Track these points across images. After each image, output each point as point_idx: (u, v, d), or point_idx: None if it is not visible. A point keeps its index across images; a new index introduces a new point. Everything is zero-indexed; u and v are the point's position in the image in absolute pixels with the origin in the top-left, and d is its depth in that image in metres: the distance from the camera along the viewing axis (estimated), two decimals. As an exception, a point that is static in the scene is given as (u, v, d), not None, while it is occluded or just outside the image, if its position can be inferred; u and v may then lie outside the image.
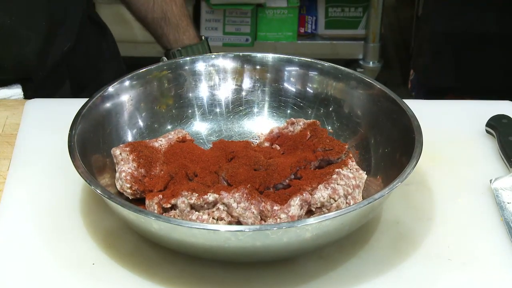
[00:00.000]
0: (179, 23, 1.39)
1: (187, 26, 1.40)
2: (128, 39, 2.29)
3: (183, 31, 1.39)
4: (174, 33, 1.39)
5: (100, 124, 0.98)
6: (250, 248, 0.81)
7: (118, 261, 0.87)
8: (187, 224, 0.79)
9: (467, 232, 0.93)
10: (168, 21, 1.39)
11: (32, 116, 1.14)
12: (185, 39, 1.39)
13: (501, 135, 1.07)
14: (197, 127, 1.08)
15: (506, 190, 0.98)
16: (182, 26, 1.39)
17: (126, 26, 1.45)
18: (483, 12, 1.52)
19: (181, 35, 1.39)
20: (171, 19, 1.39)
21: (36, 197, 0.97)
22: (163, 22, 1.39)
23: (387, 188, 0.84)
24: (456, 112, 1.18)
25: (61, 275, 0.85)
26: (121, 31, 2.47)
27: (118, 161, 0.94)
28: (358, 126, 1.03)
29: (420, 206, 0.97)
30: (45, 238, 0.90)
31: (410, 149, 0.89)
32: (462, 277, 0.86)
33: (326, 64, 1.07)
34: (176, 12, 1.39)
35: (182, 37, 1.39)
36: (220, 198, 0.86)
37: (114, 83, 1.02)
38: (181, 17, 1.39)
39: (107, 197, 0.82)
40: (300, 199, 0.87)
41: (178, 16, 1.39)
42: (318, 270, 0.87)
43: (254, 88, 1.10)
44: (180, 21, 1.39)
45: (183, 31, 1.39)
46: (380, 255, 0.89)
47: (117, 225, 0.92)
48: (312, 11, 2.75)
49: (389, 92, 1.00)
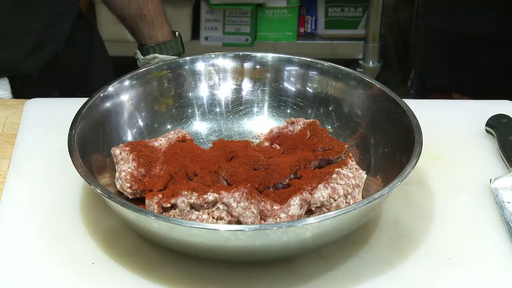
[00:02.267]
0: (154, 20, 1.41)
1: (161, 23, 1.41)
2: (123, 39, 2.29)
3: (157, 28, 1.41)
4: (149, 29, 1.41)
5: (100, 123, 0.98)
6: (250, 248, 0.81)
7: (118, 261, 0.87)
8: (187, 224, 0.79)
9: (467, 232, 0.93)
10: (143, 18, 1.40)
11: (32, 116, 1.14)
12: (159, 36, 1.41)
13: (501, 135, 1.07)
14: (197, 127, 1.08)
15: (506, 189, 0.98)
16: (157, 23, 1.41)
17: (121, 26, 1.46)
18: (482, 12, 1.52)
19: (156, 32, 1.41)
20: (147, 16, 1.40)
21: (36, 197, 0.97)
22: (139, 19, 1.40)
23: (386, 187, 0.84)
24: (456, 112, 1.18)
25: (61, 274, 0.85)
26: (119, 30, 2.47)
27: (118, 161, 0.94)
28: (358, 126, 1.03)
29: (420, 206, 0.97)
30: (45, 238, 0.90)
31: (410, 149, 0.89)
32: (462, 277, 0.86)
33: (326, 63, 1.07)
34: (151, 9, 1.40)
35: (156, 34, 1.41)
36: (220, 197, 0.86)
37: (114, 83, 1.02)
38: (156, 14, 1.41)
39: (107, 196, 0.82)
40: (300, 199, 0.87)
41: (154, 13, 1.40)
42: (318, 270, 0.87)
43: (254, 88, 1.10)
44: (155, 18, 1.41)
45: (158, 28, 1.41)
46: (380, 255, 0.89)
47: (117, 224, 0.92)
48: (312, 11, 2.75)
49: (389, 92, 1.00)
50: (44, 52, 1.29)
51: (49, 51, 1.30)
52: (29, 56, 1.27)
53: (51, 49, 1.31)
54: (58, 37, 1.31)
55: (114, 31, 2.49)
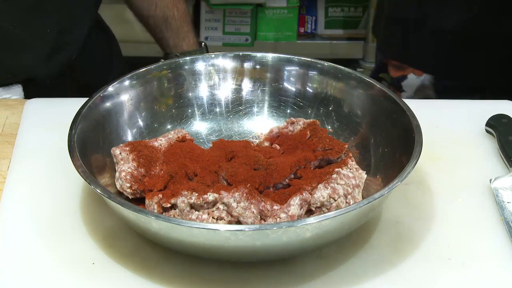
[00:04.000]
0: (180, 29, 1.40)
1: (187, 32, 1.40)
2: (130, 39, 2.29)
3: (182, 37, 1.40)
4: (174, 38, 1.40)
5: (100, 123, 0.98)
6: (250, 248, 0.81)
7: (118, 261, 0.87)
8: (187, 224, 0.79)
9: (467, 232, 0.93)
10: (169, 26, 1.39)
11: (32, 116, 1.14)
12: (184, 45, 1.40)
13: (501, 135, 1.07)
14: (197, 127, 1.08)
15: (506, 189, 0.98)
16: (183, 32, 1.40)
17: (128, 26, 1.45)
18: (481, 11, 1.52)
19: (181, 41, 1.40)
20: (172, 24, 1.39)
21: (36, 197, 0.97)
22: (164, 26, 1.39)
23: (386, 187, 0.84)
24: (456, 112, 1.18)
25: (61, 274, 0.85)
26: (123, 31, 2.47)
27: (118, 161, 0.94)
28: (358, 126, 1.03)
29: (420, 206, 0.97)
30: (45, 238, 0.90)
31: (409, 149, 0.89)
32: (462, 277, 0.86)
33: (326, 63, 1.07)
34: (177, 18, 1.39)
35: (181, 43, 1.40)
36: (220, 197, 0.86)
37: (114, 83, 1.02)
38: (182, 23, 1.40)
39: (107, 196, 0.82)
40: (300, 199, 0.87)
41: (179, 22, 1.39)
42: (318, 270, 0.87)
43: (254, 88, 1.10)
44: (180, 27, 1.40)
45: (183, 37, 1.40)
46: (380, 254, 0.89)
47: (117, 224, 0.92)
48: (312, 11, 2.76)
49: (389, 92, 1.00)
50: (59, 58, 1.28)
51: (63, 57, 1.29)
52: (43, 62, 1.26)
53: (66, 55, 1.29)
54: (73, 43, 1.30)
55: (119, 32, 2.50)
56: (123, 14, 2.19)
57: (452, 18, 1.51)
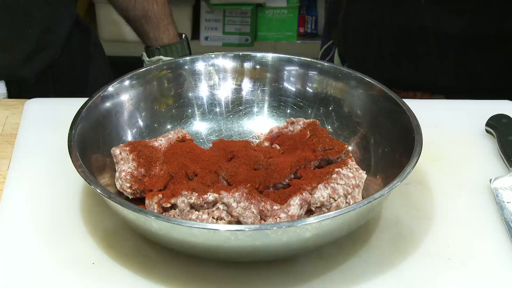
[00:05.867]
0: (160, 22, 1.41)
1: (167, 25, 1.41)
2: (129, 39, 2.29)
3: (163, 30, 1.41)
4: (154, 31, 1.41)
5: (100, 123, 0.98)
6: (250, 248, 0.81)
7: (118, 261, 0.87)
8: (187, 224, 0.79)
9: (467, 232, 0.93)
10: (148, 19, 1.40)
11: (32, 116, 1.14)
12: (164, 38, 1.41)
13: (501, 135, 1.07)
14: (197, 127, 1.08)
15: (506, 189, 0.98)
16: (163, 25, 1.41)
17: (126, 26, 1.46)
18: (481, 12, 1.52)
19: (161, 33, 1.41)
20: (152, 17, 1.40)
21: (36, 196, 0.97)
22: (144, 20, 1.40)
23: (386, 187, 0.84)
24: (456, 112, 1.18)
25: (61, 274, 0.85)
26: (120, 30, 2.47)
27: (118, 161, 0.94)
28: (358, 126, 1.03)
29: (420, 206, 0.97)
30: (45, 238, 0.90)
31: (409, 149, 0.89)
32: (462, 277, 0.86)
33: (326, 63, 1.07)
34: (157, 11, 1.40)
35: (162, 35, 1.41)
36: (220, 197, 0.86)
37: (114, 83, 1.02)
38: (161, 16, 1.41)
39: (107, 196, 0.82)
40: (300, 199, 0.87)
41: (159, 15, 1.40)
42: (318, 270, 0.87)
43: (254, 88, 1.10)
44: (160, 20, 1.41)
45: (163, 30, 1.41)
46: (380, 254, 0.89)
47: (117, 224, 0.92)
48: (312, 11, 2.76)
49: (389, 92, 1.00)
50: (41, 58, 1.29)
51: (45, 57, 1.30)
52: (25, 61, 1.27)
53: (48, 54, 1.31)
54: (55, 42, 1.31)
55: (114, 31, 2.50)
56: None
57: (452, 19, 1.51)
